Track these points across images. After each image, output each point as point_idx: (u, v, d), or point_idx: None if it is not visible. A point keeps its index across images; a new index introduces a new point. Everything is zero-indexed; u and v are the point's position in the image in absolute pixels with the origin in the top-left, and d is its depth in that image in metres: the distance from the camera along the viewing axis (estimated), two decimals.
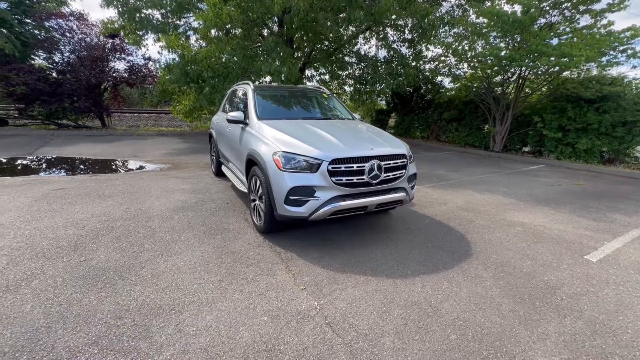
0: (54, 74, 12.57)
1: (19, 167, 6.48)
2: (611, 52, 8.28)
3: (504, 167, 8.27)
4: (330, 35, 11.38)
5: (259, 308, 2.23)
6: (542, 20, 8.98)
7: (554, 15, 8.96)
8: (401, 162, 3.25)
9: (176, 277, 2.54)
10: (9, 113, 13.78)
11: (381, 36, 12.97)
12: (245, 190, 3.87)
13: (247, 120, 3.96)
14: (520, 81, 9.91)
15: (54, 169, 6.48)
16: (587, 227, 3.98)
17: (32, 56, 13.64)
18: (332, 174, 2.88)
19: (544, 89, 10.26)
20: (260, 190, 3.26)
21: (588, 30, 8.54)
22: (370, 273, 2.72)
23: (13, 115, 13.49)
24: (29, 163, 6.91)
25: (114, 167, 6.91)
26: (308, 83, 14.08)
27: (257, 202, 3.42)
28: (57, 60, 13.02)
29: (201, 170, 6.46)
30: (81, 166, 6.85)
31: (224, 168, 5.26)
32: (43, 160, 7.18)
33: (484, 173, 7.38)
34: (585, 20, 8.71)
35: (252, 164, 3.49)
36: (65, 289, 2.33)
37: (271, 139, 3.25)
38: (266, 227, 3.28)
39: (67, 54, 13.03)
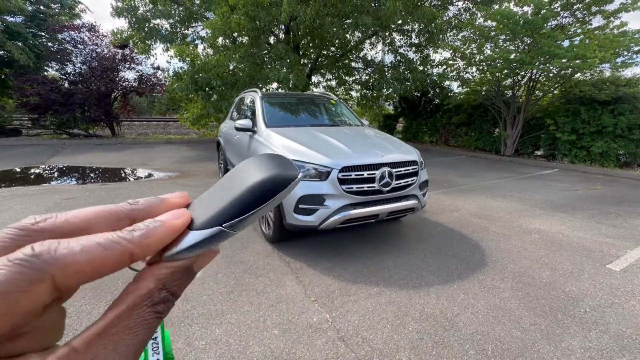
0: (66, 84, 12.85)
1: (31, 177, 6.58)
2: (626, 53, 8.09)
3: (516, 172, 8.10)
4: (337, 41, 11.42)
5: (270, 321, 2.17)
6: (553, 22, 8.84)
7: (565, 17, 8.82)
8: (412, 169, 3.17)
9: (185, 289, 2.50)
10: (23, 123, 14.13)
11: (388, 41, 12.96)
12: None
13: (255, 128, 3.94)
14: (532, 84, 9.75)
15: (65, 178, 6.56)
16: (608, 234, 3.83)
17: (45, 67, 13.96)
18: (342, 181, 2.83)
19: (555, 92, 10.07)
20: None
21: (600, 31, 8.37)
22: (382, 284, 2.64)
23: (27, 125, 13.82)
24: (40, 172, 7.01)
25: (123, 175, 6.97)
26: (315, 89, 14.12)
27: None
28: (69, 71, 13.32)
29: (209, 179, 6.46)
30: (91, 175, 6.93)
31: None
32: (54, 170, 7.28)
33: (497, 178, 7.23)
34: (597, 21, 8.56)
35: None
36: (74, 301, 2.30)
37: (279, 146, 3.22)
38: (275, 236, 3.23)
39: (79, 64, 13.33)
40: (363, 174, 2.87)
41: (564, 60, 7.83)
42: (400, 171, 3.06)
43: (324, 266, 2.92)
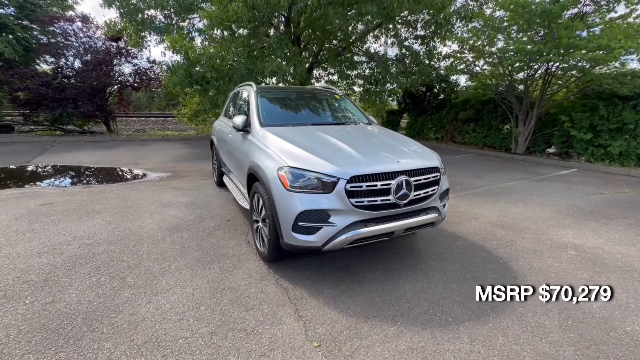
0: (58, 78, 12.31)
1: (9, 179, 6.09)
2: None
3: (532, 172, 7.58)
4: (339, 33, 10.84)
5: None
6: (573, 10, 8.23)
7: (587, 5, 8.20)
8: (434, 177, 2.68)
9: (158, 328, 2.03)
10: (15, 119, 13.62)
11: (392, 33, 12.35)
12: (247, 207, 3.36)
13: (249, 128, 3.44)
14: (547, 77, 9.16)
15: (46, 180, 6.07)
16: None
17: (36, 61, 13.42)
18: (350, 194, 2.33)
19: (571, 86, 9.49)
20: (263, 212, 2.73)
21: (623, 20, 7.78)
22: (400, 321, 2.16)
23: (19, 121, 13.32)
24: (21, 173, 6.54)
25: (110, 176, 6.47)
26: (317, 83, 13.57)
27: (260, 224, 2.89)
28: (61, 64, 12.78)
29: (203, 180, 5.98)
30: (75, 176, 6.44)
31: (225, 178, 4.77)
32: (37, 170, 6.80)
33: (512, 179, 6.72)
34: (621, 9, 7.97)
35: (254, 179, 2.96)
36: (16, 348, 1.83)
37: (276, 150, 2.72)
38: (271, 256, 2.74)
39: (71, 58, 12.79)
40: (376, 185, 2.37)
41: (584, 52, 7.27)
42: (420, 180, 2.56)
43: (328, 294, 2.44)
